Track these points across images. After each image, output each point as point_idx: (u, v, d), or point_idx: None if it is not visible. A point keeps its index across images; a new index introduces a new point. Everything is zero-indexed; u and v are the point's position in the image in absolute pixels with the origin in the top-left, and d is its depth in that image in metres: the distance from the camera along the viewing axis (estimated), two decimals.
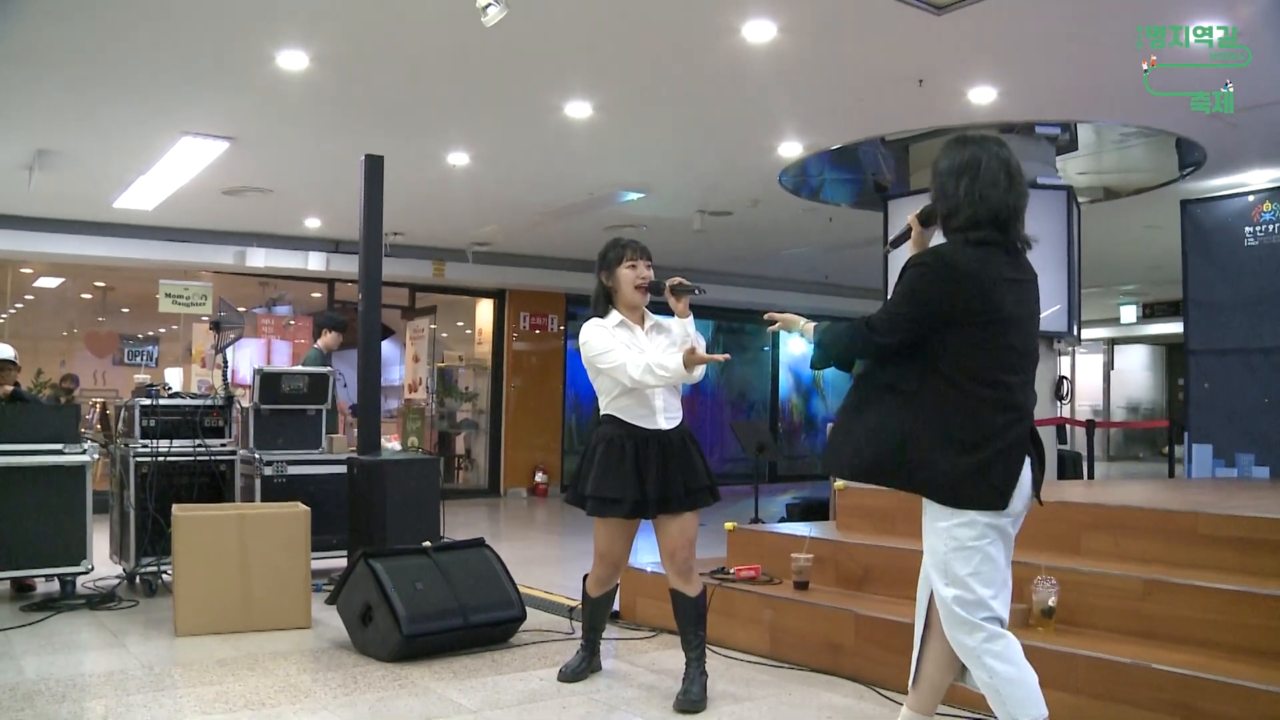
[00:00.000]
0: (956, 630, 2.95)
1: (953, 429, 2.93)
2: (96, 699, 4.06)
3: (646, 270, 4.16)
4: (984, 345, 2.96)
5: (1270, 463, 8.05)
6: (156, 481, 6.22)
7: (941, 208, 3.08)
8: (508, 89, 7.03)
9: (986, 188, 2.99)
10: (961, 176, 3.01)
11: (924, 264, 3.01)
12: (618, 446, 4.04)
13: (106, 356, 13.94)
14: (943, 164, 3.08)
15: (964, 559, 2.93)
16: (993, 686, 2.90)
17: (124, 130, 7.86)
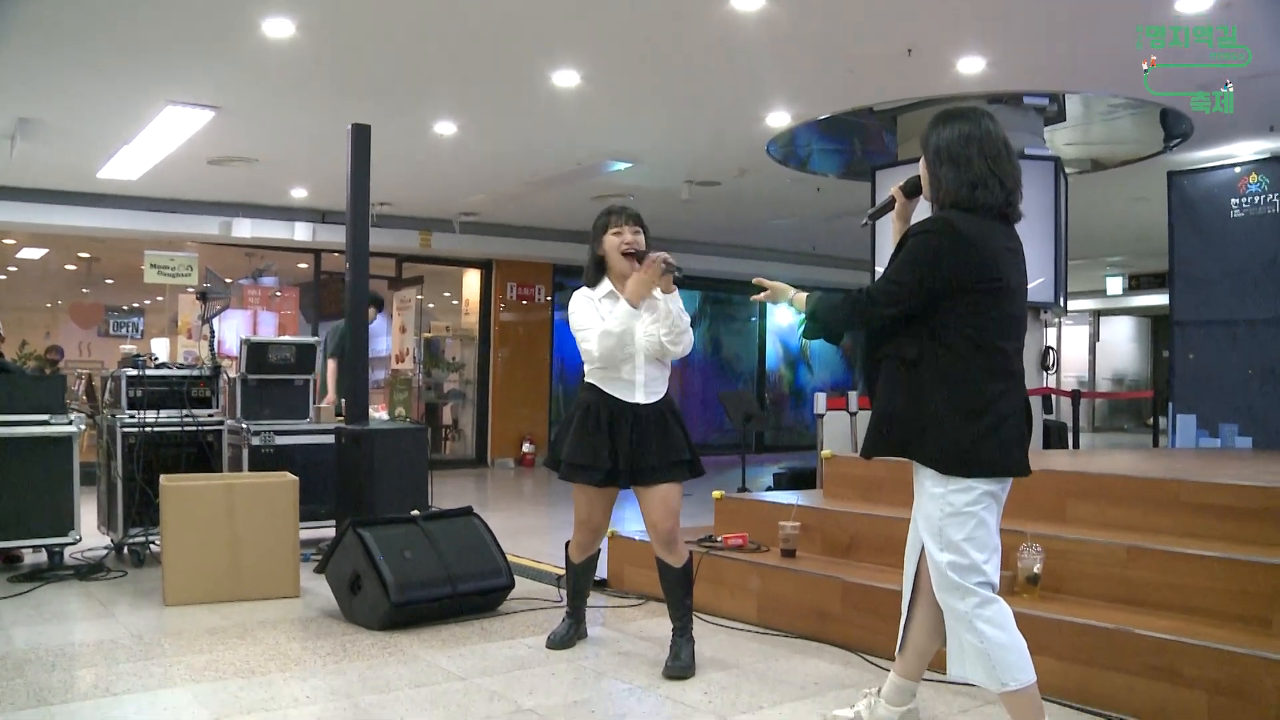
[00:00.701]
0: (949, 595, 2.98)
1: (957, 397, 2.95)
2: (87, 668, 4.07)
3: (632, 236, 4.09)
4: (986, 313, 2.97)
5: (1253, 433, 8.12)
6: (144, 452, 6.21)
7: (947, 176, 3.04)
8: (495, 58, 6.99)
9: (995, 158, 3.02)
10: (969, 146, 3.02)
11: (930, 231, 3.00)
12: (594, 415, 4.06)
13: (92, 328, 13.88)
14: (945, 135, 3.06)
15: (959, 524, 2.95)
16: (983, 651, 2.92)
17: (107, 99, 7.80)
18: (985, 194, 3.00)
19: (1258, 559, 3.72)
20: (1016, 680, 2.91)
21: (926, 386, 2.98)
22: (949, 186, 3.05)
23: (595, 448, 4.03)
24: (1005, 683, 2.91)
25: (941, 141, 3.07)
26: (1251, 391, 8.35)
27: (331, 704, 3.63)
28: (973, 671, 2.97)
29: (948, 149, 3.05)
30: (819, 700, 3.71)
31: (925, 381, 2.98)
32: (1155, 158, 9.42)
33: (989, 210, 3.02)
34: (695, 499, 8.57)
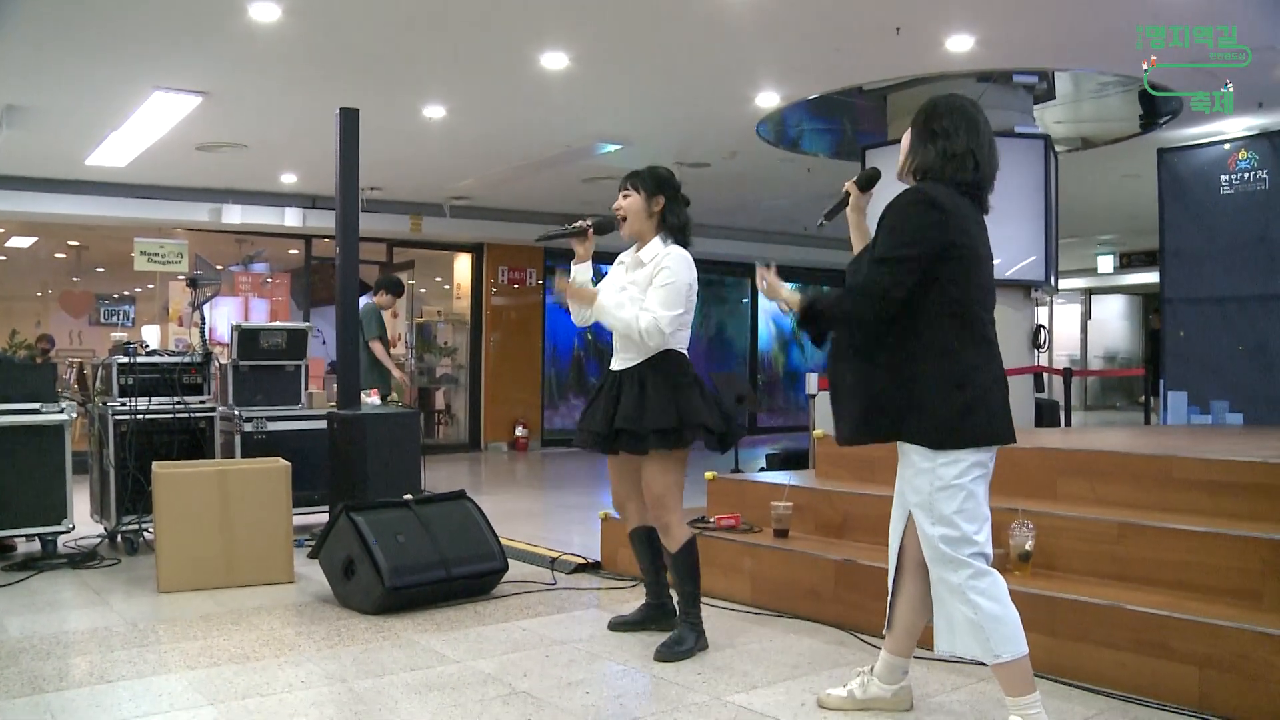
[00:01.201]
0: (943, 568, 3.00)
1: (942, 369, 2.97)
2: (81, 655, 4.07)
3: (622, 201, 4.10)
4: (963, 281, 3.00)
5: (1244, 409, 8.14)
6: (136, 439, 6.20)
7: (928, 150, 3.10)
8: (483, 40, 6.96)
9: (979, 144, 3.08)
10: (958, 126, 3.08)
11: (916, 202, 3.01)
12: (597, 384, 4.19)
13: (82, 316, 13.84)
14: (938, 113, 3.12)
15: (949, 497, 2.97)
16: (976, 623, 2.94)
17: (94, 85, 7.76)
18: (959, 169, 3.06)
19: (1248, 534, 3.73)
20: (1010, 652, 2.93)
21: (908, 362, 2.99)
22: (925, 160, 3.10)
23: (585, 414, 4.16)
24: (999, 654, 2.93)
25: (935, 124, 3.11)
26: (1242, 368, 8.37)
27: (326, 688, 3.64)
28: (964, 644, 2.99)
29: (941, 130, 3.09)
30: (812, 679, 3.72)
31: (905, 357, 2.99)
32: (1145, 135, 9.42)
33: (961, 186, 3.06)
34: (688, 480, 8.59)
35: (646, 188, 4.07)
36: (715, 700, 3.50)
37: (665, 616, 4.33)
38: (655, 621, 4.35)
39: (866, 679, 3.33)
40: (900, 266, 2.97)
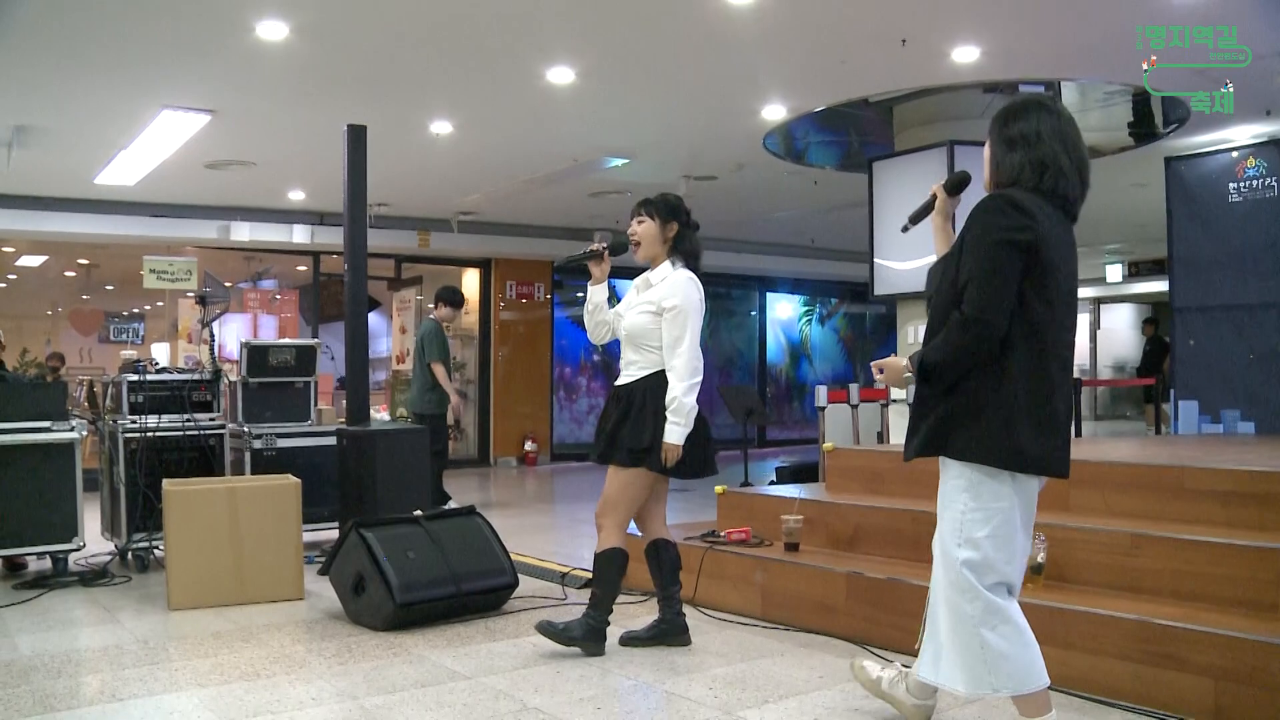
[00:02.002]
0: (957, 594, 2.88)
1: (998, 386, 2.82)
2: (93, 673, 4.07)
3: (636, 227, 4.26)
4: (1037, 296, 2.83)
5: (1255, 418, 8.10)
6: (146, 457, 6.21)
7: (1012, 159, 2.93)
8: (490, 56, 6.99)
9: (1070, 150, 2.93)
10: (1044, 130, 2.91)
11: (994, 209, 2.85)
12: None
13: (92, 334, 13.90)
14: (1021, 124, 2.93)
15: (982, 520, 2.86)
16: (981, 656, 2.85)
17: (103, 104, 7.81)
18: (1043, 176, 2.89)
19: (1263, 544, 3.71)
20: (1010, 688, 2.84)
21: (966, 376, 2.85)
22: (1007, 170, 2.93)
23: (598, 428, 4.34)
24: (997, 689, 2.85)
25: (1015, 129, 2.94)
26: (1253, 376, 8.34)
27: (337, 705, 3.63)
28: (948, 675, 2.92)
29: (1021, 135, 2.92)
30: (825, 694, 3.70)
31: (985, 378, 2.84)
32: (1153, 143, 9.41)
33: (1048, 194, 2.90)
34: (698, 494, 8.54)
35: (661, 214, 4.24)
36: (727, 715, 3.49)
37: (678, 633, 4.34)
38: (668, 637, 4.35)
39: (900, 678, 3.29)
40: (1002, 291, 2.79)
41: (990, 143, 3.02)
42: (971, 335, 2.80)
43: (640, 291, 4.26)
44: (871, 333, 19.24)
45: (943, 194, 3.21)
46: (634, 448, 4.09)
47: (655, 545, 4.38)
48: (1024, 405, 2.82)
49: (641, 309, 4.18)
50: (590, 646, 4.21)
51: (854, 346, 19.06)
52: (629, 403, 4.15)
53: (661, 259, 4.25)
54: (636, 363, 4.19)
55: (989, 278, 2.79)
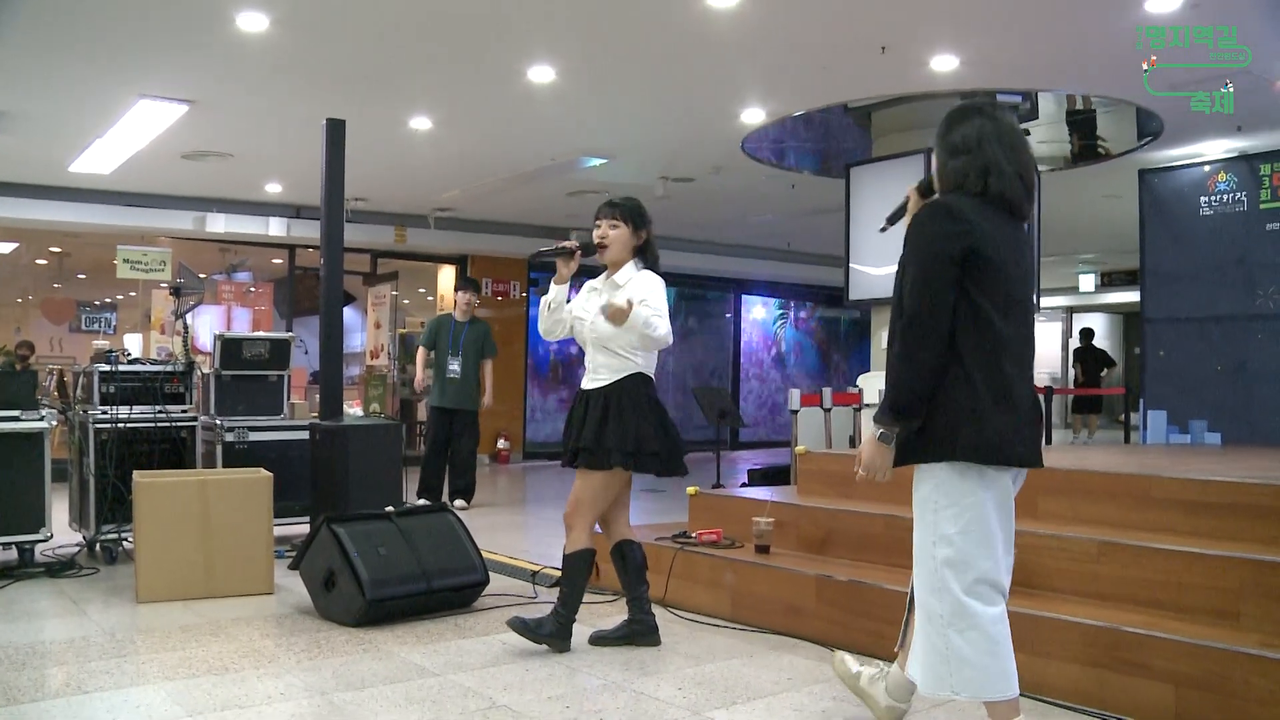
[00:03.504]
0: (930, 594, 2.89)
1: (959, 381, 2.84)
2: (58, 665, 4.04)
3: (607, 229, 4.27)
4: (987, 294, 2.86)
5: (1222, 428, 8.20)
6: (116, 448, 6.17)
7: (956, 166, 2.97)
8: (470, 53, 6.98)
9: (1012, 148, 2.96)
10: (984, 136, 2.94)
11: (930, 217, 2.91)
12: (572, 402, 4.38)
13: (63, 323, 13.78)
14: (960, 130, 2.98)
15: (954, 516, 2.86)
16: (944, 656, 2.86)
17: (79, 92, 7.75)
18: (997, 181, 2.92)
19: (1227, 553, 3.75)
20: (968, 692, 2.85)
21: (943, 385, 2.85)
22: (950, 175, 2.98)
23: (564, 434, 4.33)
24: (956, 690, 2.85)
25: (956, 136, 2.99)
26: (1221, 388, 8.45)
27: (306, 701, 3.62)
28: (911, 669, 2.96)
29: (962, 141, 2.97)
30: (793, 696, 3.73)
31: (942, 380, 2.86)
32: (1127, 156, 9.50)
33: (998, 199, 2.93)
34: (669, 495, 8.54)
35: (633, 221, 4.27)
36: (695, 716, 3.51)
37: (648, 633, 4.36)
38: (637, 638, 4.36)
39: (879, 677, 3.30)
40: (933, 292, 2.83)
41: (936, 150, 3.08)
42: (912, 341, 2.84)
43: (605, 293, 4.24)
44: (846, 337, 19.34)
45: (916, 196, 3.22)
46: (623, 449, 4.09)
47: (621, 547, 4.40)
48: (982, 400, 2.83)
49: None
50: (558, 643, 4.24)
51: (828, 350, 19.14)
52: (605, 406, 4.13)
53: (625, 263, 4.27)
54: (609, 366, 4.19)
55: (923, 286, 2.84)
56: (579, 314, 4.30)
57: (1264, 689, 3.20)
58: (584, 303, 4.33)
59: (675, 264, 14.89)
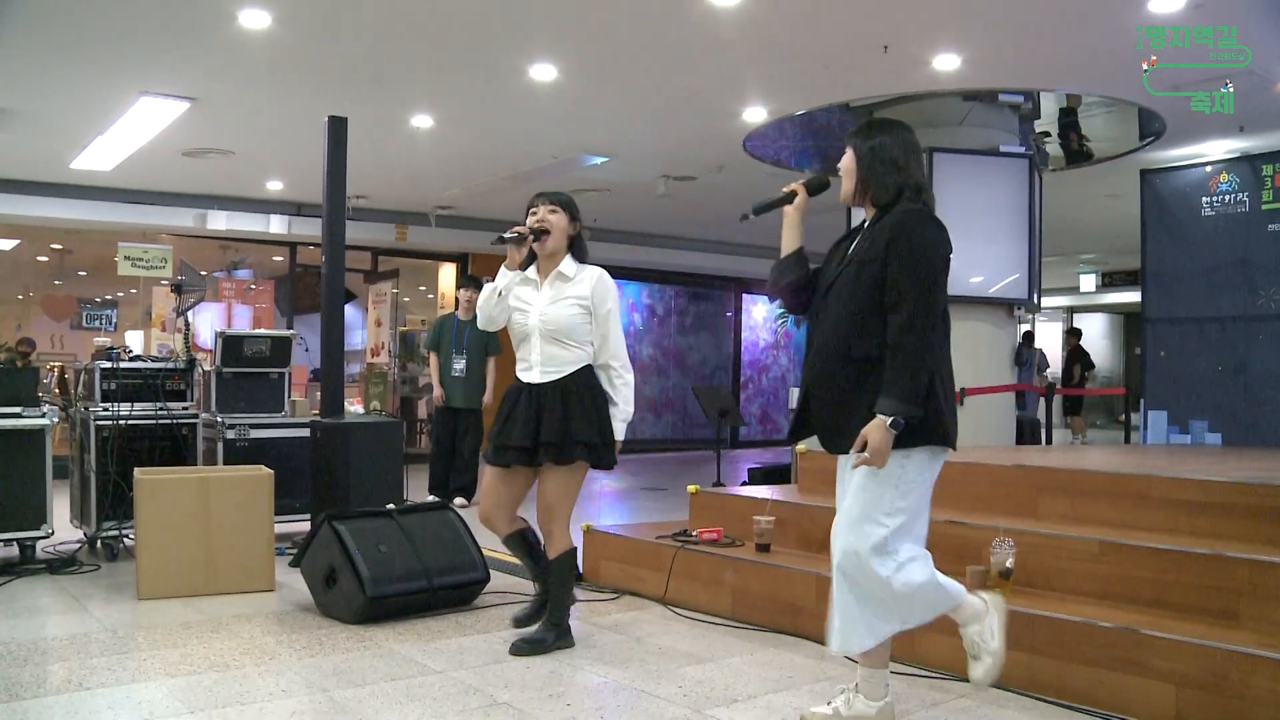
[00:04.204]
0: (877, 562, 3.09)
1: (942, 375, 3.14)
2: (60, 662, 4.05)
3: (546, 214, 4.25)
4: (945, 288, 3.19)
5: (1223, 429, 8.21)
6: (117, 445, 6.17)
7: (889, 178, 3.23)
8: (473, 51, 6.98)
9: (922, 169, 3.30)
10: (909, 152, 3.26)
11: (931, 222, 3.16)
12: (508, 398, 4.24)
13: (64, 320, 13.77)
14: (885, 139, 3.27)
15: (906, 491, 3.12)
16: (888, 601, 3.14)
17: (81, 89, 7.74)
18: (929, 198, 3.23)
19: (1227, 553, 3.76)
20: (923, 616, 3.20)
21: None
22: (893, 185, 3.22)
23: (502, 430, 4.19)
24: (907, 621, 3.18)
25: (881, 145, 3.25)
26: (1221, 388, 8.45)
27: (306, 698, 3.63)
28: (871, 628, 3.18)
29: (887, 152, 3.24)
30: (793, 694, 3.73)
31: None
32: (1128, 156, 9.50)
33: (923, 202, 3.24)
34: (670, 494, 8.54)
35: (570, 212, 4.30)
36: (696, 714, 3.51)
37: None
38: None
39: (851, 695, 3.32)
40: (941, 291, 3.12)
41: (853, 161, 3.30)
42: (931, 334, 3.08)
43: (553, 285, 4.19)
44: None
45: (804, 192, 3.43)
46: (590, 442, 4.08)
47: (522, 534, 4.51)
48: (949, 392, 3.17)
49: (569, 304, 4.14)
50: (564, 642, 4.28)
51: None
52: (565, 399, 4.08)
53: (562, 254, 4.24)
54: (560, 358, 4.13)
55: (934, 285, 3.10)
56: (520, 305, 4.22)
57: (1264, 689, 3.20)
58: (525, 294, 4.24)
59: (676, 263, 14.90)
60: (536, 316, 4.16)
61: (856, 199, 3.32)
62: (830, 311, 3.24)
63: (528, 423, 4.10)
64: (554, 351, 4.14)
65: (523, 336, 4.20)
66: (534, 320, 4.16)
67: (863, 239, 3.27)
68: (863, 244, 3.24)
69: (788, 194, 3.44)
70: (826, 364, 3.23)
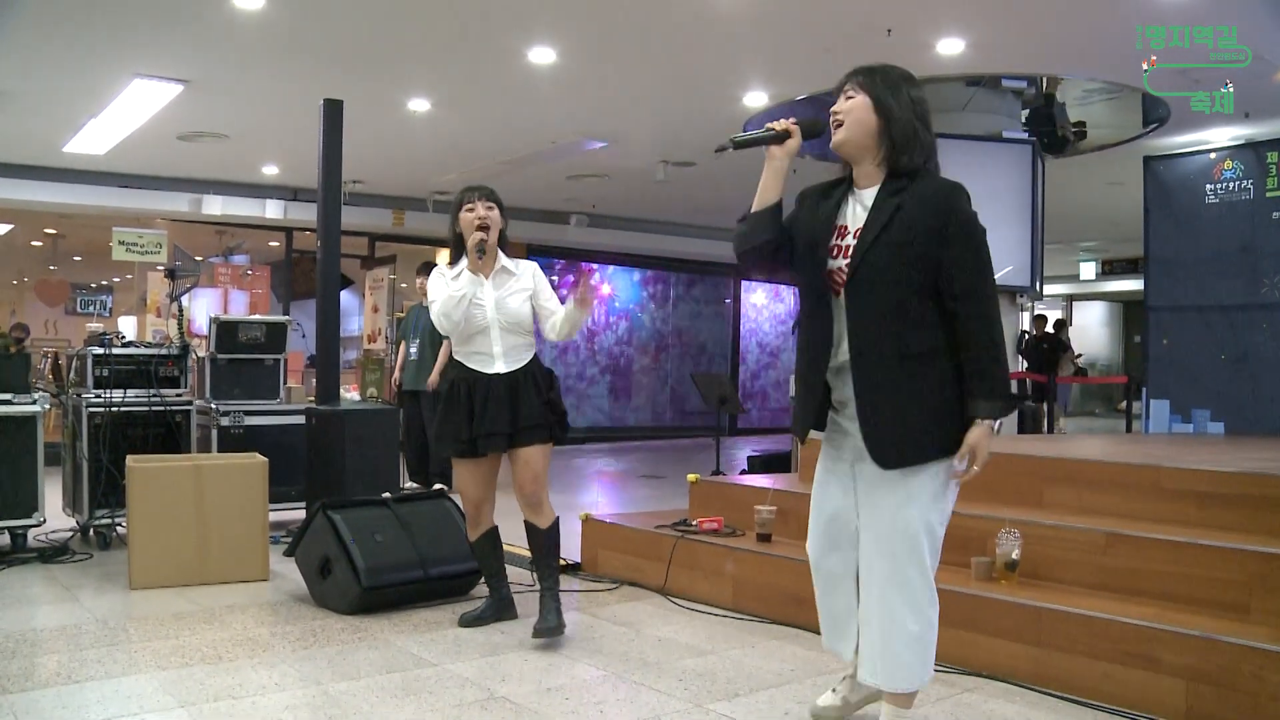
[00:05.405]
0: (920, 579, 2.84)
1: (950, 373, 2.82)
2: (49, 654, 3.98)
3: (485, 211, 4.26)
4: None
5: (1225, 418, 8.15)
6: (110, 432, 6.10)
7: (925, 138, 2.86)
8: (470, 33, 6.89)
9: None
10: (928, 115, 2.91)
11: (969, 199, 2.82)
12: (457, 390, 4.20)
13: (58, 305, 13.71)
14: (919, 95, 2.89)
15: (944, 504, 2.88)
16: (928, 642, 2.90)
17: (73, 71, 7.65)
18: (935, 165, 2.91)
19: (1236, 545, 3.70)
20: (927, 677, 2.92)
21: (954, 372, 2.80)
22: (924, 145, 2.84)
23: (458, 421, 4.17)
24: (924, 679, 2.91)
25: (919, 101, 2.87)
26: (1224, 377, 8.39)
27: (300, 691, 3.56)
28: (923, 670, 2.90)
29: (925, 110, 2.87)
30: (796, 687, 3.67)
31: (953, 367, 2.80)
32: (1132, 143, 9.43)
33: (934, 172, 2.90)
34: (669, 482, 8.47)
35: (501, 207, 4.36)
36: (696, 708, 3.45)
37: (508, 609, 4.54)
38: (501, 613, 4.51)
39: (852, 681, 3.22)
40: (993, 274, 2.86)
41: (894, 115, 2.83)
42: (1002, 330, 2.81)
43: (497, 279, 4.22)
44: None
45: (798, 133, 2.97)
46: (561, 423, 4.29)
47: (497, 532, 4.50)
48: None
49: (520, 297, 4.23)
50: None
51: None
52: (535, 384, 4.21)
53: (498, 251, 4.29)
54: (520, 346, 4.24)
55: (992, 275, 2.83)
56: (475, 301, 4.16)
57: (1276, 683, 3.15)
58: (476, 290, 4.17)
59: (674, 249, 14.82)
60: (493, 310, 4.19)
61: (868, 156, 2.88)
62: (863, 298, 2.79)
63: (501, 409, 4.14)
64: (514, 341, 4.23)
65: (479, 329, 4.19)
66: (491, 314, 4.19)
67: (878, 211, 2.81)
68: (881, 217, 2.79)
69: (779, 131, 2.95)
70: (878, 361, 2.79)
